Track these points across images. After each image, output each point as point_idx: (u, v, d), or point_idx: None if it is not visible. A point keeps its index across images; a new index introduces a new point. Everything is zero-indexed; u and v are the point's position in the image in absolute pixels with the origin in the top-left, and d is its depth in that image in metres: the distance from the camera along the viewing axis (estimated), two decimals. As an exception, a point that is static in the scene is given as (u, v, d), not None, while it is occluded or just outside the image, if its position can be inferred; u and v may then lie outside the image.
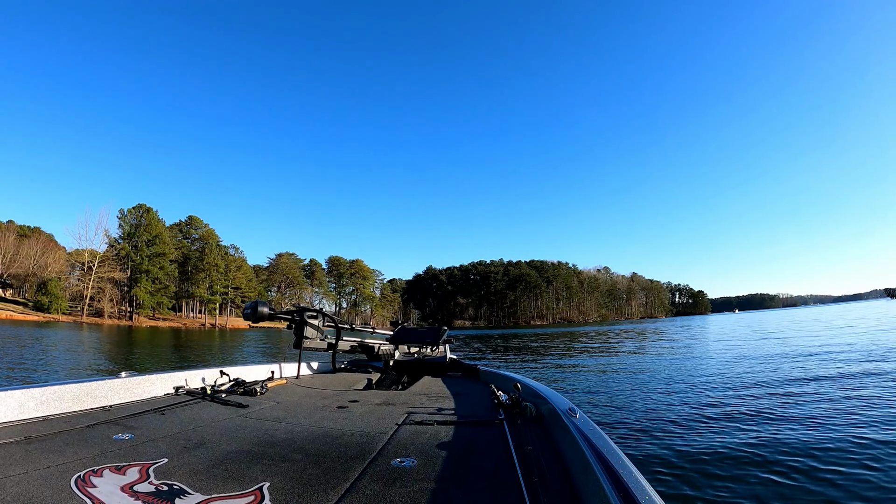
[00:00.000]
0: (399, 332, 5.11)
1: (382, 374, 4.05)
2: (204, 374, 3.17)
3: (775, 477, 3.75)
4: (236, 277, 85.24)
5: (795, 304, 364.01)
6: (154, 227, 72.62)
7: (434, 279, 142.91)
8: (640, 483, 1.03)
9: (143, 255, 70.64)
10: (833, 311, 53.83)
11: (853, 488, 3.50)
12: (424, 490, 1.30)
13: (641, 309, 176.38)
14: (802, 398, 6.80)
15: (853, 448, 4.37)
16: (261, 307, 3.76)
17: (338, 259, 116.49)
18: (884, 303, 70.17)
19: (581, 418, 1.63)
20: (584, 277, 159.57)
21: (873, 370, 9.11)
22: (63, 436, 1.82)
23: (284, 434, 1.93)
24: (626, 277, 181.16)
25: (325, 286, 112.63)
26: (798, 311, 73.01)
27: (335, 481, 1.36)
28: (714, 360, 12.98)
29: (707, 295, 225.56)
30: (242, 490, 1.28)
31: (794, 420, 5.50)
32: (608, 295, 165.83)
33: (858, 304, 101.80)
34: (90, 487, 1.28)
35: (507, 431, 1.96)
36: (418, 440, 1.84)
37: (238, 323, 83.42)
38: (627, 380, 9.85)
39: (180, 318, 79.84)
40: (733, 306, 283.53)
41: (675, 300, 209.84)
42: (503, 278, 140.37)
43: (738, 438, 4.83)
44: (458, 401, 2.80)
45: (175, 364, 16.05)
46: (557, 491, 1.29)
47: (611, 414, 6.52)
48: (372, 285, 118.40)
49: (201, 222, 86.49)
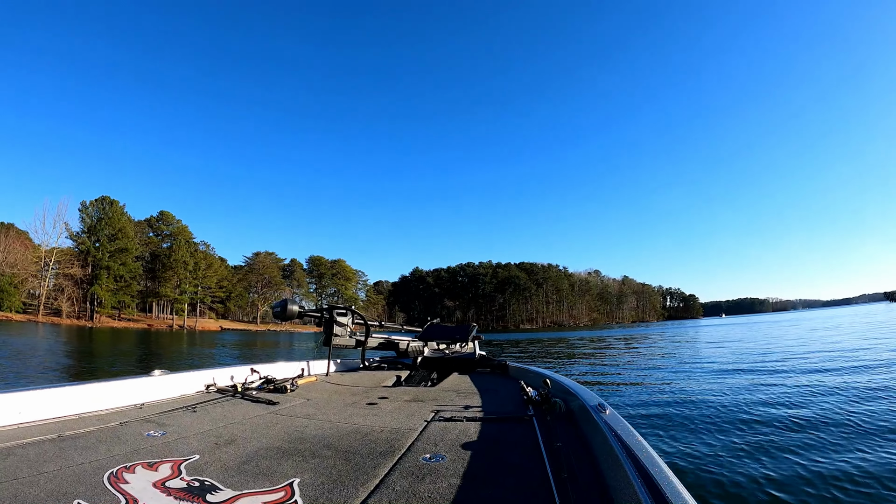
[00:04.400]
0: (428, 329, 5.24)
1: (411, 371, 4.12)
2: (235, 371, 3.23)
3: (814, 480, 3.70)
4: (206, 276, 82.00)
5: (785, 308, 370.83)
6: (117, 221, 69.26)
7: (421, 281, 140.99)
8: (670, 480, 1.02)
9: (105, 250, 67.14)
10: (845, 312, 54.09)
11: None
12: (453, 486, 1.32)
13: (633, 313, 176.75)
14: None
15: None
16: (290, 305, 3.78)
17: (319, 259, 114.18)
18: (884, 306, 71.40)
19: (611, 414, 1.60)
20: (574, 280, 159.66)
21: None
22: (96, 433, 1.89)
23: (314, 431, 1.98)
24: (617, 281, 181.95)
25: (305, 287, 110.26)
26: (806, 314, 73.57)
27: (365, 477, 1.39)
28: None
29: (699, 299, 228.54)
30: (273, 486, 1.31)
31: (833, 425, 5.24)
32: (599, 298, 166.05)
33: (862, 307, 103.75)
34: (123, 483, 1.31)
35: (537, 427, 1.98)
36: (447, 436, 1.86)
37: (208, 325, 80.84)
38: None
39: (149, 319, 76.81)
40: (721, 310, 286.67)
41: (666, 304, 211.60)
42: (492, 280, 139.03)
43: (778, 441, 4.77)
44: (488, 397, 2.81)
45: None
46: (587, 487, 1.31)
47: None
48: (354, 286, 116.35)
49: (173, 218, 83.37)
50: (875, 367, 9.53)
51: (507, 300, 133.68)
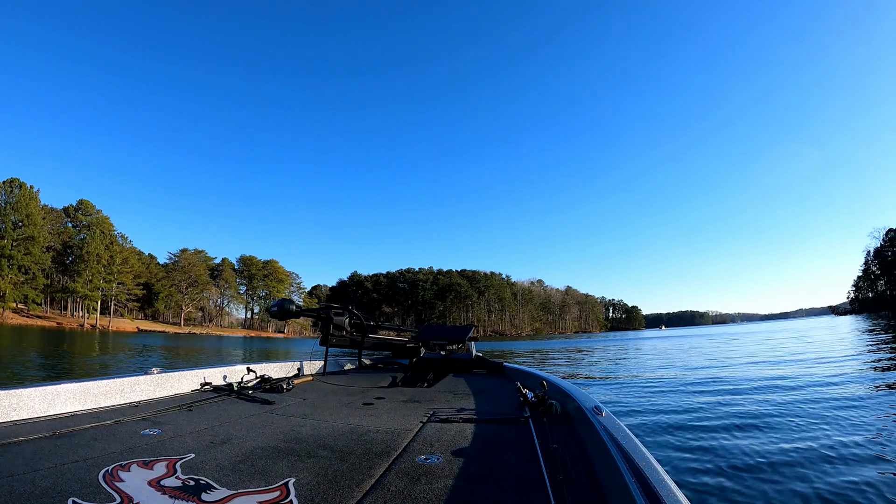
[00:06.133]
0: (424, 330, 5.38)
1: (408, 372, 4.16)
2: (231, 370, 3.33)
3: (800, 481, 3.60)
4: (122, 272, 77.91)
5: (724, 321, 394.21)
6: (25, 207, 64.99)
7: (359, 286, 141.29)
8: (665, 483, 1.02)
9: (10, 238, 63.27)
10: (799, 326, 51.15)
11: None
12: (449, 487, 1.33)
13: (576, 323, 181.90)
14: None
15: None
16: (287, 305, 3.99)
17: (250, 259, 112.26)
18: (829, 319, 71.71)
19: (607, 417, 1.63)
20: (517, 289, 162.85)
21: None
22: (91, 431, 1.92)
23: (310, 430, 2.02)
24: (560, 291, 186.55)
25: (234, 287, 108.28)
26: (760, 327, 69.70)
27: (360, 478, 1.40)
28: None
29: (641, 311, 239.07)
30: (268, 485, 1.32)
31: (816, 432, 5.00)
32: (542, 308, 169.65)
33: (804, 320, 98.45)
34: (118, 482, 1.32)
35: (533, 429, 2.02)
36: (443, 437, 1.90)
37: (124, 325, 78.26)
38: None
39: (62, 317, 73.61)
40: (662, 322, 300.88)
41: (609, 315, 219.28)
42: (432, 287, 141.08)
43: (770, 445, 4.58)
44: (484, 398, 2.91)
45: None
46: (583, 489, 1.32)
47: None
48: (287, 289, 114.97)
49: (93, 207, 79.37)
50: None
51: (448, 308, 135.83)
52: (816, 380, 8.85)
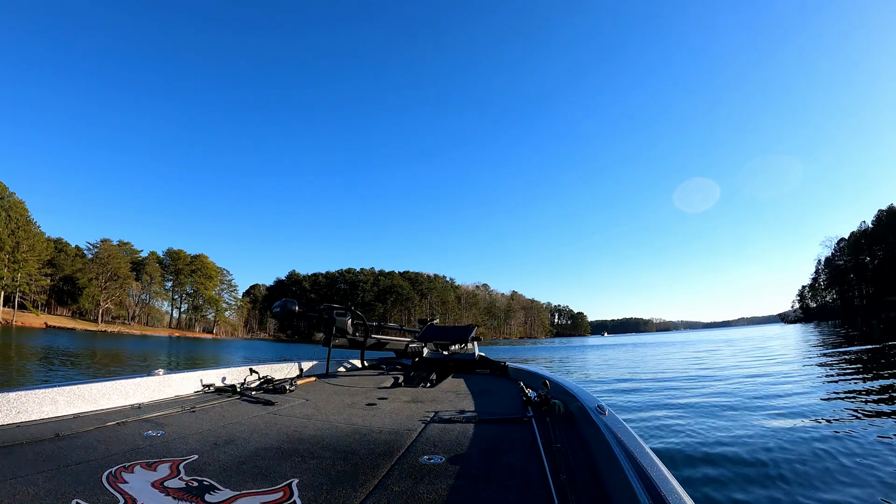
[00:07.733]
0: (427, 330, 5.40)
1: (411, 372, 4.20)
2: (233, 371, 3.37)
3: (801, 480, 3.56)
4: (27, 260, 72.51)
5: (668, 328, 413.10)
6: None
7: (297, 285, 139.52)
8: (669, 482, 1.02)
9: None
10: (753, 333, 46.41)
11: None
12: (452, 487, 1.35)
13: (521, 328, 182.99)
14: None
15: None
16: (290, 305, 4.09)
17: (178, 253, 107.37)
18: (779, 327, 72.83)
19: (610, 416, 1.65)
20: (461, 293, 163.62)
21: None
22: (95, 433, 1.93)
23: (313, 431, 2.04)
24: (505, 296, 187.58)
25: (158, 283, 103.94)
26: (693, 335, 71.13)
27: (364, 478, 1.43)
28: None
29: (587, 317, 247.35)
30: (272, 486, 1.34)
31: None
32: (487, 313, 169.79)
33: (761, 327, 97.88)
34: (121, 483, 1.33)
35: (536, 429, 2.04)
36: (446, 437, 1.93)
37: (31, 320, 74.49)
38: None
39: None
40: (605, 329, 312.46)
41: (555, 321, 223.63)
42: (373, 288, 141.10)
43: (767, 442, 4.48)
44: (487, 398, 2.93)
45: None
46: (586, 489, 1.33)
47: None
48: (216, 286, 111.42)
49: (6, 189, 71.95)
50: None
51: (389, 310, 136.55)
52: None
